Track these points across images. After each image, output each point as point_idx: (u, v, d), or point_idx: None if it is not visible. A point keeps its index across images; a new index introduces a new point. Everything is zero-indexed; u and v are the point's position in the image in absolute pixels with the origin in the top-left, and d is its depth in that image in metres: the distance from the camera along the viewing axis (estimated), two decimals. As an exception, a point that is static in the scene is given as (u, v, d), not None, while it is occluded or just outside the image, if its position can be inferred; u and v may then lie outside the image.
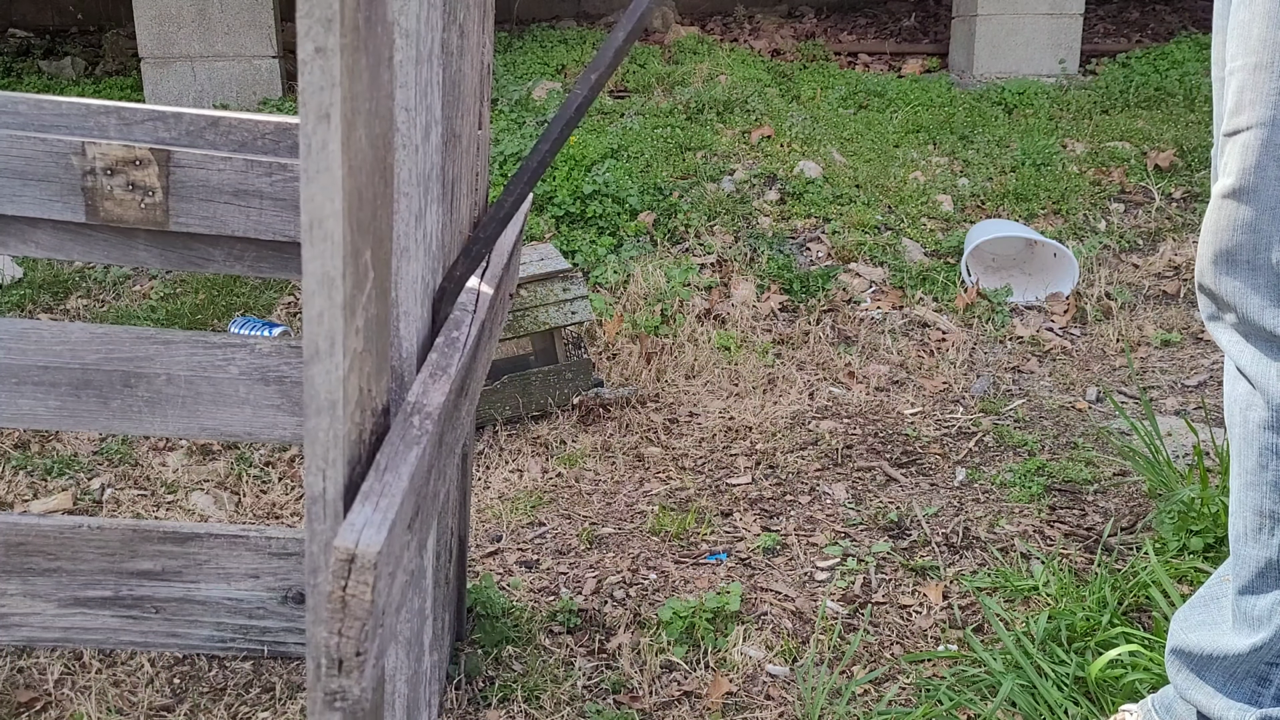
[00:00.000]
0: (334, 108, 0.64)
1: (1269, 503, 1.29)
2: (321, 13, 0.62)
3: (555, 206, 3.58)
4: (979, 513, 2.32)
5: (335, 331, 0.72)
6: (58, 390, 1.39)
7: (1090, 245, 3.77)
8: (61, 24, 5.99)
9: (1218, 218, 1.29)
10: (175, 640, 1.73)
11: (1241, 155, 1.26)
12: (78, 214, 1.33)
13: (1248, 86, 1.25)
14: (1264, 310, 1.26)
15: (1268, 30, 1.23)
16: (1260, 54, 1.24)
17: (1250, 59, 1.25)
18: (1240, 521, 1.34)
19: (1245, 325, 1.29)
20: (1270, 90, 1.22)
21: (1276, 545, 1.29)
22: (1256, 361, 1.29)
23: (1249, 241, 1.26)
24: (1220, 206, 1.29)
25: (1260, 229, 1.25)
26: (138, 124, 1.34)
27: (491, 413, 2.71)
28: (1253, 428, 1.30)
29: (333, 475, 0.80)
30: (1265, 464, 1.29)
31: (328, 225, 0.67)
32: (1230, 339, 1.33)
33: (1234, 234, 1.27)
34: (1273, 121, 1.22)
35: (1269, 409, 1.28)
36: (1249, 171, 1.25)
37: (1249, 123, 1.25)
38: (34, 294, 3.37)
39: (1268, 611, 1.30)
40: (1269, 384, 1.27)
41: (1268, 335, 1.27)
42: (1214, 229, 1.30)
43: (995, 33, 5.15)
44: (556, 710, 1.73)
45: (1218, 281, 1.31)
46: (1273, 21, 1.23)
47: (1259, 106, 1.23)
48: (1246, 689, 1.33)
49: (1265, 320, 1.26)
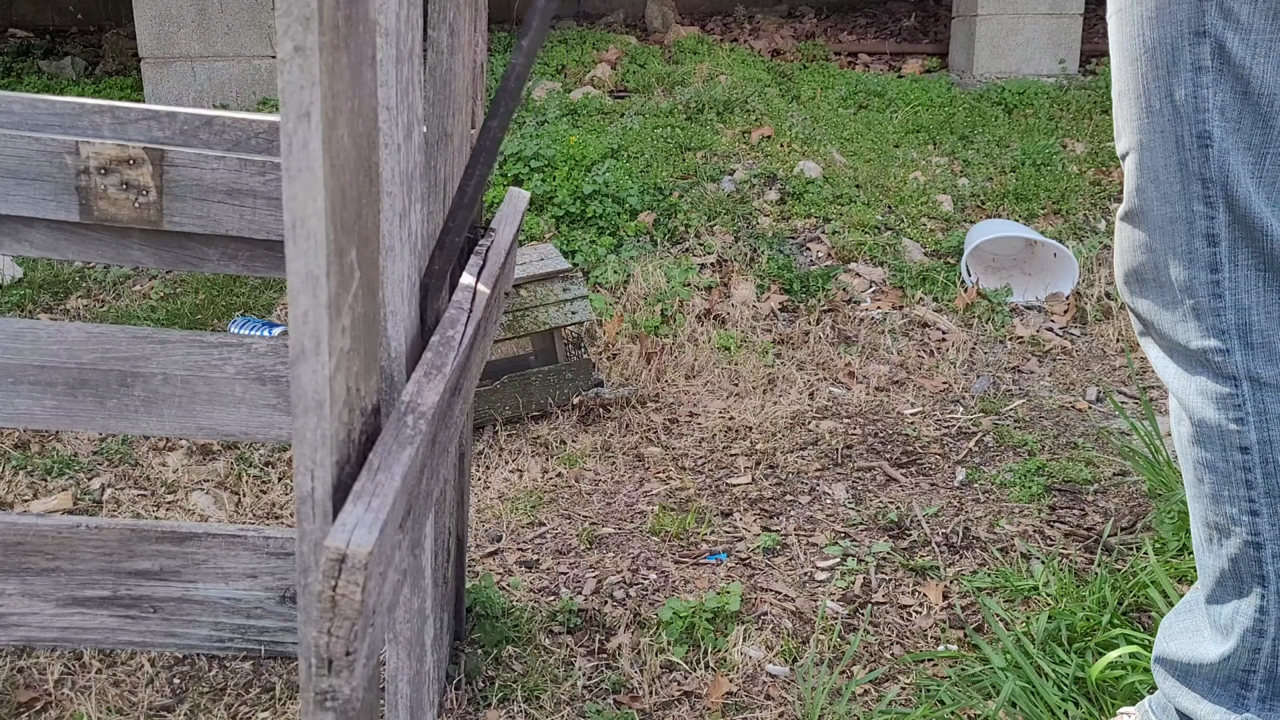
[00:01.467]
0: (314, 106, 0.64)
1: (1211, 514, 1.30)
2: (300, 11, 0.61)
3: (555, 206, 3.58)
4: (979, 513, 2.31)
5: (320, 331, 0.72)
6: (54, 390, 1.39)
7: (1090, 245, 3.76)
8: (61, 24, 6.00)
9: (1120, 240, 1.33)
10: (173, 640, 1.73)
11: (1128, 179, 1.29)
12: (72, 213, 1.33)
13: (1118, 114, 1.29)
14: (1176, 326, 1.28)
15: (1120, 59, 1.27)
16: (1120, 82, 1.28)
17: (1116, 87, 1.29)
18: (1195, 534, 1.35)
19: (1164, 341, 1.31)
20: (1134, 116, 1.26)
21: (1225, 555, 1.29)
22: (1178, 378, 1.30)
23: (1149, 260, 1.29)
24: (1120, 229, 1.33)
25: (1155, 248, 1.27)
26: (132, 123, 1.33)
27: (491, 413, 2.71)
28: (1184, 443, 1.32)
29: (321, 475, 0.80)
30: (1200, 478, 1.30)
31: (310, 224, 0.67)
32: (1156, 355, 1.34)
33: (1135, 254, 1.30)
34: (1142, 145, 1.26)
35: (1192, 424, 1.29)
36: (1134, 194, 1.28)
37: (1126, 148, 1.29)
38: (34, 294, 3.37)
39: (1230, 620, 1.30)
40: (1189, 399, 1.28)
41: (1184, 350, 1.28)
42: (1120, 250, 1.33)
43: (995, 33, 5.14)
44: (556, 710, 1.73)
45: (1134, 300, 1.33)
46: (1121, 51, 1.26)
47: (1130, 133, 1.27)
48: (1230, 694, 1.33)
49: (1179, 336, 1.28)
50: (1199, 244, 1.23)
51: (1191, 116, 1.20)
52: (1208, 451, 1.28)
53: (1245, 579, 1.28)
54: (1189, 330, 1.26)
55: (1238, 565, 1.28)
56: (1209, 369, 1.26)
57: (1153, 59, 1.22)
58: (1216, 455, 1.27)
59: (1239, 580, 1.29)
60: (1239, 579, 1.29)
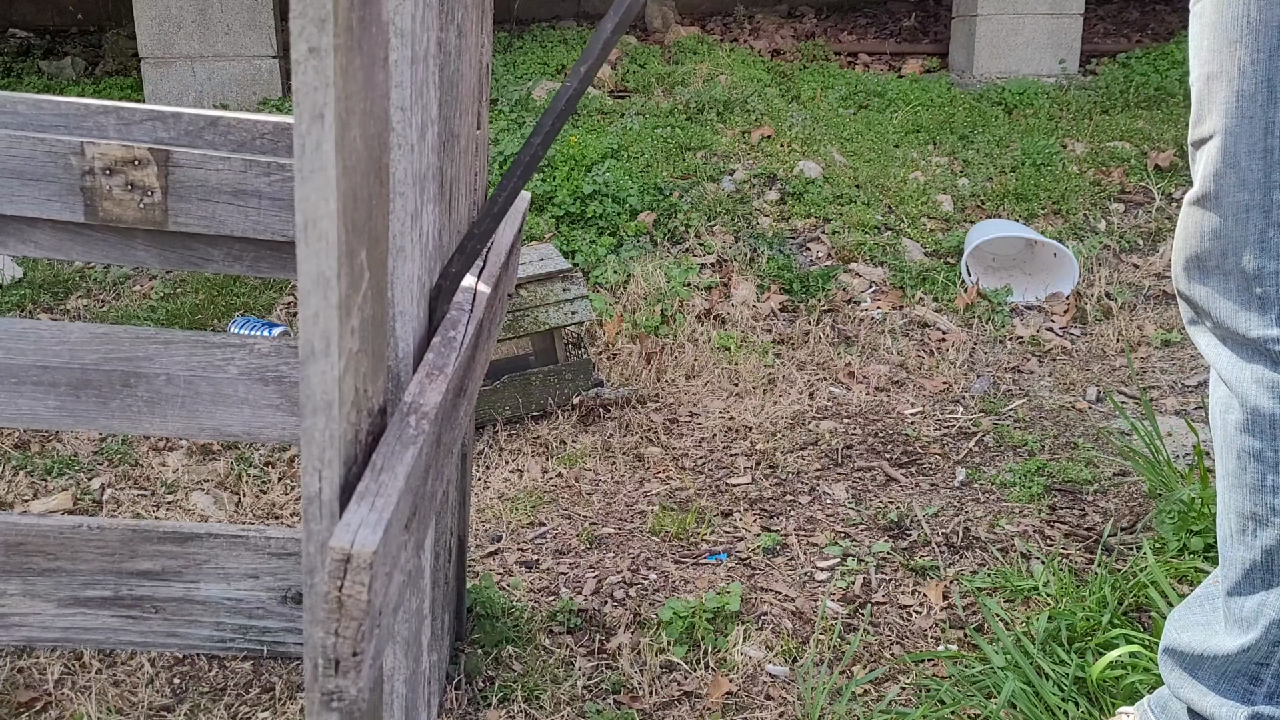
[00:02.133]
0: (328, 108, 0.64)
1: (1249, 504, 1.30)
2: (315, 13, 0.61)
3: (555, 206, 3.58)
4: (979, 513, 2.32)
5: (330, 332, 0.72)
6: (57, 390, 1.39)
7: (1090, 245, 3.76)
8: (61, 24, 5.99)
9: (1186, 225, 1.32)
10: (175, 640, 1.73)
11: (1204, 164, 1.29)
12: (77, 214, 1.33)
13: (1204, 97, 1.28)
14: (1236, 314, 1.28)
15: (1215, 41, 1.26)
16: (1211, 64, 1.27)
17: (1203, 70, 1.28)
18: (1225, 524, 1.35)
19: (1220, 330, 1.32)
20: (1223, 99, 1.25)
21: (1259, 546, 1.30)
22: (1232, 365, 1.30)
23: (1216, 247, 1.28)
24: (1188, 214, 1.32)
25: (1225, 235, 1.27)
26: (136, 124, 1.34)
27: (491, 413, 2.71)
28: (1231, 430, 1.32)
29: (329, 476, 0.80)
30: (1244, 466, 1.30)
31: (322, 225, 0.67)
32: (1208, 343, 1.35)
33: (1202, 240, 1.30)
34: (1227, 130, 1.25)
35: (1244, 411, 1.29)
36: (1210, 179, 1.28)
37: (1209, 132, 1.28)
38: (34, 294, 3.37)
39: (1254, 613, 1.31)
40: (1243, 387, 1.29)
41: (1241, 339, 1.29)
42: (1184, 236, 1.33)
43: (995, 33, 5.15)
44: (556, 710, 1.73)
45: (1191, 288, 1.33)
46: (1218, 32, 1.25)
47: (1215, 116, 1.26)
48: (1239, 687, 1.34)
49: (1237, 324, 1.28)
50: (1273, 233, 1.24)
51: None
52: (1257, 440, 1.28)
53: (1277, 570, 1.29)
54: (1250, 319, 1.27)
55: (1271, 556, 1.29)
56: (1267, 358, 1.26)
57: (1255, 41, 1.21)
58: (1265, 444, 1.28)
59: (1269, 572, 1.29)
60: (1270, 570, 1.29)
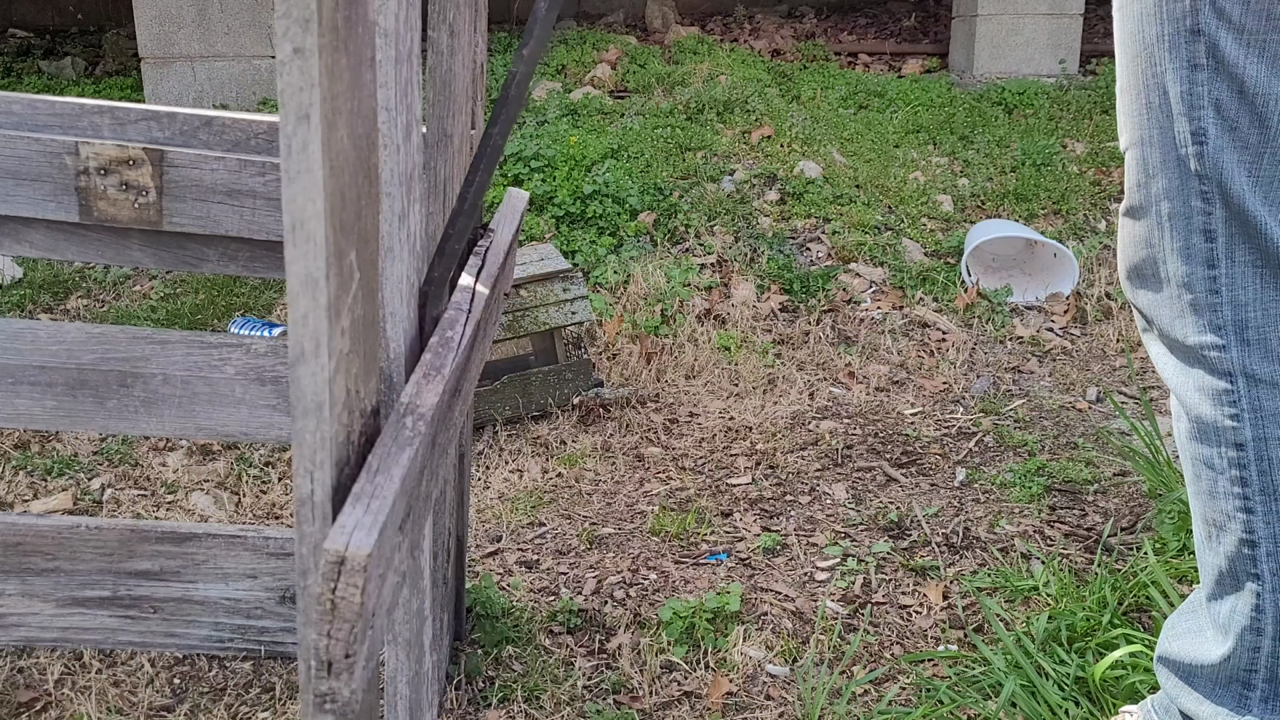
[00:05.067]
0: (313, 108, 0.64)
1: (1209, 511, 1.31)
2: (299, 13, 0.61)
3: (555, 206, 3.58)
4: (979, 513, 2.31)
5: (320, 333, 0.72)
6: (54, 390, 1.39)
7: (1090, 245, 3.76)
8: (61, 24, 6.00)
9: (1122, 235, 1.34)
10: (173, 640, 1.73)
11: (1128, 175, 1.30)
12: (72, 214, 1.33)
13: (1120, 110, 1.30)
14: (1174, 322, 1.29)
15: (1122, 56, 1.28)
16: (1122, 78, 1.29)
17: (1119, 84, 1.30)
18: (1196, 530, 1.35)
19: (1165, 338, 1.32)
20: (1134, 111, 1.27)
21: (1223, 553, 1.30)
22: (1176, 373, 1.31)
23: (1149, 256, 1.30)
24: (1122, 224, 1.34)
25: (1154, 244, 1.28)
26: (131, 124, 1.33)
27: (491, 413, 2.71)
28: (1183, 439, 1.33)
29: (320, 477, 0.80)
30: (1198, 474, 1.31)
31: (310, 226, 0.67)
32: (1156, 351, 1.35)
33: (1136, 250, 1.31)
34: (1142, 141, 1.27)
35: (1189, 420, 1.30)
36: (1134, 190, 1.29)
37: (1126, 144, 1.30)
38: (34, 294, 3.38)
39: (1228, 619, 1.31)
40: (1187, 394, 1.29)
41: (1182, 346, 1.29)
42: (1122, 246, 1.35)
43: (995, 33, 5.14)
44: (556, 710, 1.73)
45: (1135, 296, 1.34)
46: (1123, 47, 1.28)
47: (1130, 128, 1.28)
48: (1233, 694, 1.33)
49: (1176, 332, 1.29)
50: (1196, 239, 1.24)
51: (1187, 113, 1.21)
52: (1205, 447, 1.28)
53: (1240, 576, 1.28)
54: (1186, 326, 1.27)
55: (1234, 563, 1.28)
56: (1205, 364, 1.26)
57: (1150, 56, 1.23)
58: (1213, 451, 1.28)
59: (1235, 578, 1.29)
60: (1235, 577, 1.29)
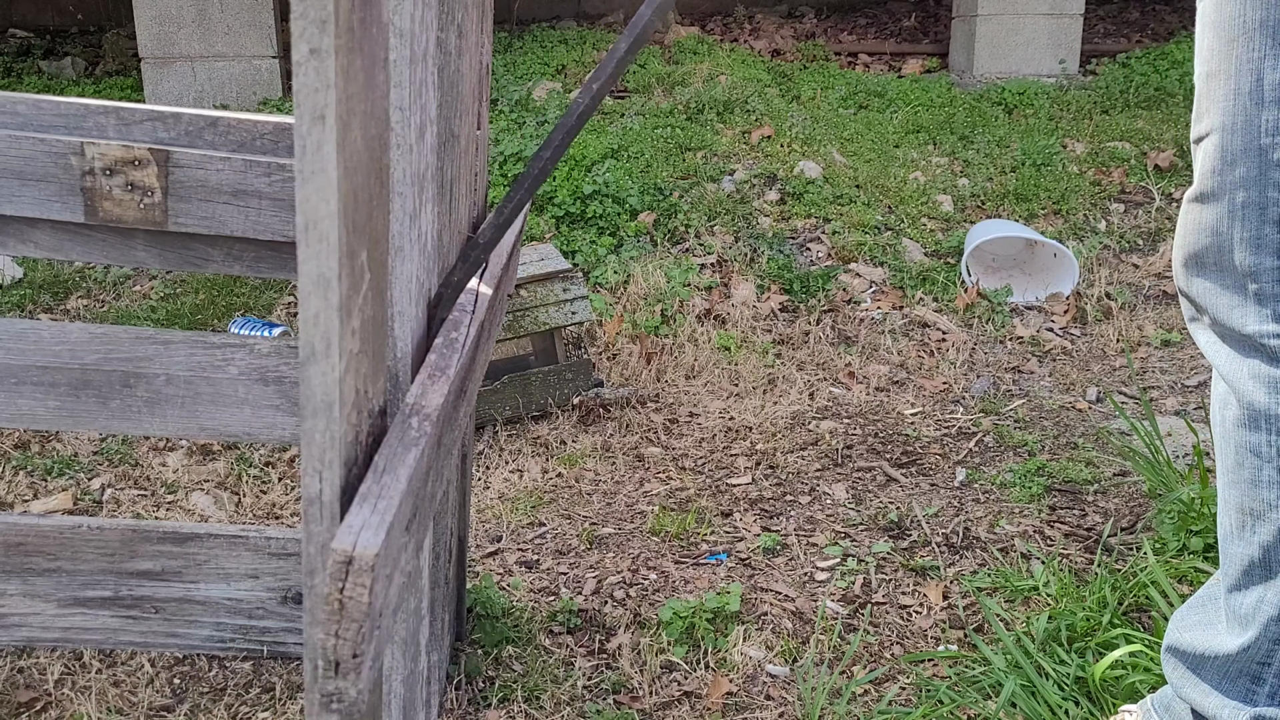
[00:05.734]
0: (329, 109, 0.64)
1: (1247, 500, 1.31)
2: (316, 14, 0.61)
3: (555, 206, 3.58)
4: (979, 513, 2.32)
5: (331, 333, 0.72)
6: (57, 390, 1.39)
7: (1090, 245, 3.76)
8: (61, 24, 5.99)
9: (1185, 222, 1.34)
10: (175, 640, 1.73)
11: (1202, 161, 1.30)
12: (76, 214, 1.33)
13: (1203, 95, 1.30)
14: (1232, 310, 1.29)
15: (1214, 40, 1.27)
16: (1210, 63, 1.28)
17: (1203, 68, 1.29)
18: (1225, 521, 1.36)
19: (1218, 326, 1.33)
20: (1220, 97, 1.26)
21: (1257, 543, 1.30)
22: (1230, 361, 1.32)
23: (1214, 244, 1.30)
24: (1188, 210, 1.34)
25: (1222, 232, 1.28)
26: (136, 124, 1.34)
27: (491, 413, 2.71)
28: (1229, 426, 1.33)
29: (329, 477, 0.80)
30: (1242, 461, 1.31)
31: (323, 226, 0.67)
32: (1207, 339, 1.36)
33: (1200, 237, 1.31)
34: (1224, 127, 1.26)
35: (1241, 407, 1.31)
36: (1208, 176, 1.29)
37: (1206, 130, 1.29)
38: (34, 294, 3.37)
39: (1253, 610, 1.31)
40: (1240, 383, 1.30)
41: (1238, 335, 1.30)
42: (1183, 233, 1.35)
43: (995, 33, 5.15)
44: (556, 710, 1.73)
45: (1190, 284, 1.35)
46: (1217, 31, 1.27)
47: (1212, 114, 1.28)
48: (1241, 687, 1.34)
49: (1234, 320, 1.29)
50: (1269, 230, 1.25)
51: (1277, 102, 1.21)
52: (1254, 435, 1.29)
53: (1274, 566, 1.29)
54: (1247, 314, 1.28)
55: (1269, 552, 1.29)
56: (1264, 353, 1.27)
57: (1250, 40, 1.22)
58: (1261, 439, 1.28)
59: (1267, 568, 1.30)
60: (1268, 566, 1.30)
